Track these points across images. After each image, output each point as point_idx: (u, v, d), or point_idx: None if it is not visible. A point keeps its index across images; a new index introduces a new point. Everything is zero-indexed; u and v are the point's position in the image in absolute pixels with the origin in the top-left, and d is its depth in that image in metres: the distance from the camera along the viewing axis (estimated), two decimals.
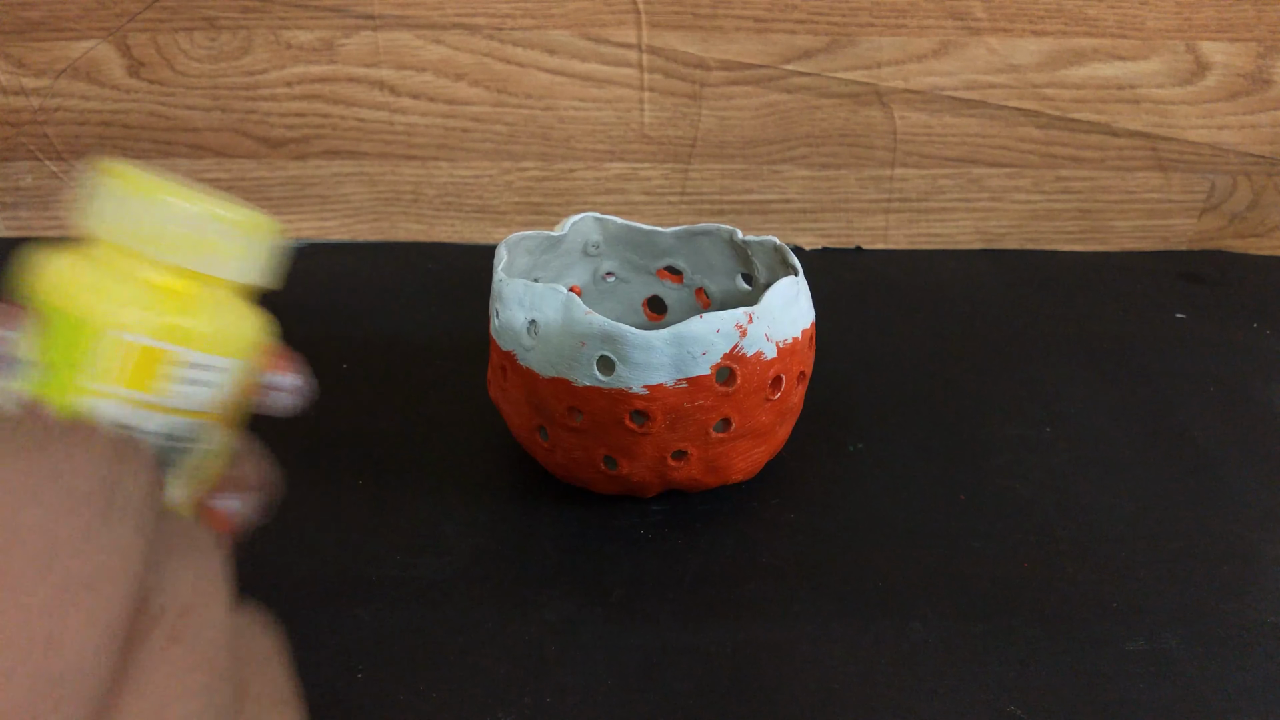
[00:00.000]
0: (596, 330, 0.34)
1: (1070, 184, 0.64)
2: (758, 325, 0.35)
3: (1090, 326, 0.56)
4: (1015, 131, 0.62)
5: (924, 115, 0.62)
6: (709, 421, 0.36)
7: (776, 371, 0.36)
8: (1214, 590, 0.36)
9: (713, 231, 0.43)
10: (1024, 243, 0.67)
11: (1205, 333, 0.56)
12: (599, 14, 0.58)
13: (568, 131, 0.62)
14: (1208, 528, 0.40)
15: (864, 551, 0.38)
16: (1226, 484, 0.42)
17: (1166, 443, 0.45)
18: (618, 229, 0.44)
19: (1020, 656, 0.33)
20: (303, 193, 0.65)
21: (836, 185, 0.64)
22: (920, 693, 0.32)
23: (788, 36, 0.59)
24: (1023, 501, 0.41)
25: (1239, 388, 0.50)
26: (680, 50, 0.60)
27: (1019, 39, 0.59)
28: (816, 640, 0.34)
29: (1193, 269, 0.64)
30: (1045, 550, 0.38)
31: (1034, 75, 0.60)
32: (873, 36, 0.59)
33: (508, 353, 0.37)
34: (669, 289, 0.46)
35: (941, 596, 0.36)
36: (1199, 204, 0.65)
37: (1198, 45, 0.60)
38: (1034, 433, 0.46)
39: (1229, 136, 0.62)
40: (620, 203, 0.65)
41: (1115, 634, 0.34)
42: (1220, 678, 0.33)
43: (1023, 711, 0.31)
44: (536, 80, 0.61)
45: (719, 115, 0.62)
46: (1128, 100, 0.61)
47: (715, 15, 0.59)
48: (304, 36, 0.59)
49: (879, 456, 0.44)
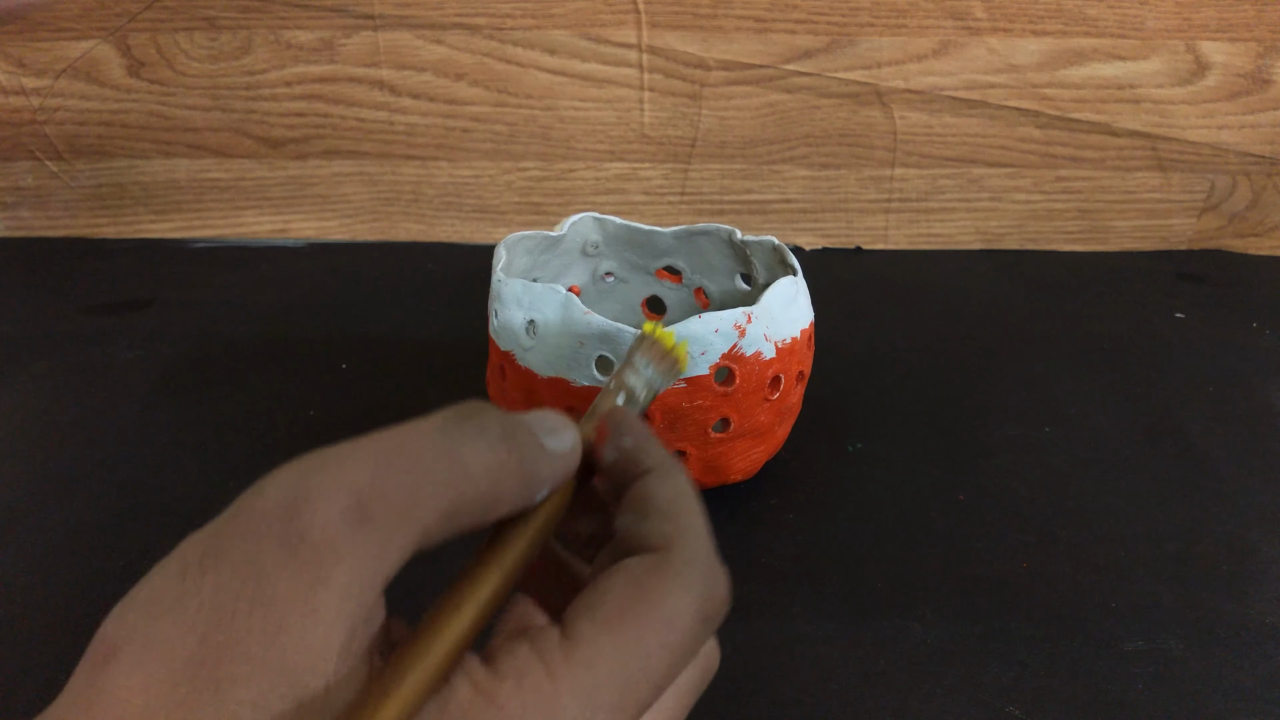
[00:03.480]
0: (595, 330, 0.34)
1: (1070, 184, 0.64)
2: (756, 325, 0.35)
3: (1090, 326, 0.56)
4: (1015, 131, 0.62)
5: (924, 115, 0.62)
6: (708, 421, 0.36)
7: (775, 371, 0.36)
8: (1214, 590, 0.36)
9: (712, 231, 0.43)
10: (1024, 243, 0.67)
11: (1205, 333, 0.56)
12: (599, 14, 0.58)
13: (568, 131, 0.62)
14: (1208, 528, 0.40)
15: (864, 551, 0.38)
16: (1226, 484, 0.42)
17: (1166, 443, 0.45)
18: (617, 229, 0.44)
19: (1020, 656, 0.33)
20: (303, 193, 0.65)
21: (836, 185, 0.64)
22: (920, 693, 0.32)
23: (788, 36, 0.59)
24: (1023, 501, 0.41)
25: (1239, 388, 0.50)
26: (680, 50, 0.60)
27: (1019, 39, 0.59)
28: (816, 640, 0.34)
29: (1192, 269, 0.64)
30: (1045, 550, 0.38)
31: (1034, 75, 0.60)
32: (873, 36, 0.59)
33: (506, 353, 0.37)
34: (668, 289, 0.46)
35: (941, 596, 0.36)
36: (1199, 204, 0.65)
37: (1198, 45, 0.60)
38: (1034, 433, 0.46)
39: (1229, 136, 0.62)
40: (620, 203, 0.65)
41: (1115, 634, 0.34)
42: (1220, 678, 0.33)
43: (1022, 712, 0.31)
44: (536, 80, 0.61)
45: (719, 115, 0.62)
46: (1128, 100, 0.61)
47: (715, 15, 0.59)
48: (304, 36, 0.59)
49: (879, 456, 0.44)
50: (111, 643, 0.16)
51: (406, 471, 0.17)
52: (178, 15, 0.59)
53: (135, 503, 0.40)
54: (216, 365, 0.51)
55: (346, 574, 0.16)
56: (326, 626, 0.16)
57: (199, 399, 0.48)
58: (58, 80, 0.61)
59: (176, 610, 0.16)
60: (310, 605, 0.16)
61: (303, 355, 0.51)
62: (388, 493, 0.17)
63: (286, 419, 0.46)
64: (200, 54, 0.60)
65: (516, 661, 0.16)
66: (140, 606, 0.16)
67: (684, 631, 0.18)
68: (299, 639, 0.16)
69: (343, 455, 0.17)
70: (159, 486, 0.41)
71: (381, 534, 0.16)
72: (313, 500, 0.16)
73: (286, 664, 0.15)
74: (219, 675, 0.15)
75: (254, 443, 0.44)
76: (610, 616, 0.17)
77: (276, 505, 0.16)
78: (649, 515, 0.19)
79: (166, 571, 0.17)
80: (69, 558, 0.37)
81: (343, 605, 0.16)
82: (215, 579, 0.16)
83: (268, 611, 0.16)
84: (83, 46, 0.60)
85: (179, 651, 0.15)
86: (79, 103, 0.62)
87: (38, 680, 0.32)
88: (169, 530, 0.39)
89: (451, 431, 0.18)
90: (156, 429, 0.45)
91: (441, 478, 0.17)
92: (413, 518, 0.17)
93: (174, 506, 0.40)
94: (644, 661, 0.17)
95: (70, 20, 0.59)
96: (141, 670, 0.15)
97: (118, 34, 0.59)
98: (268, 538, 0.16)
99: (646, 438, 0.21)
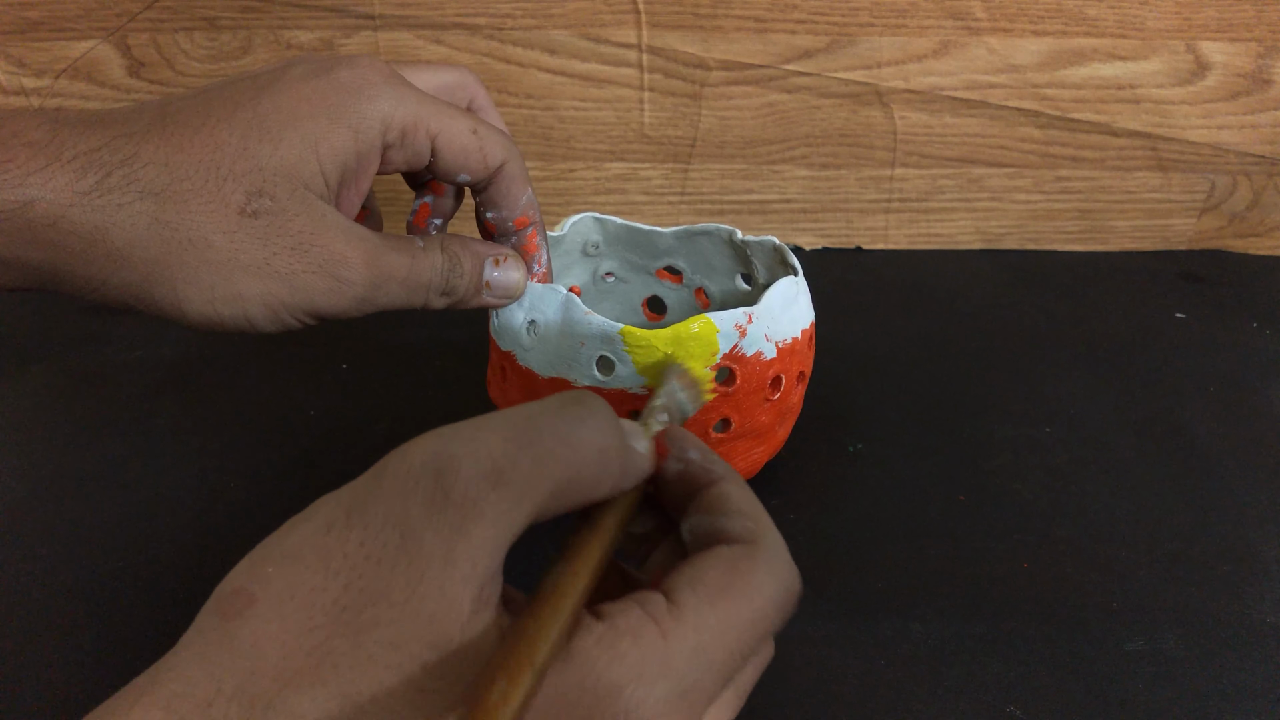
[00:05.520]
0: (596, 330, 0.34)
1: (1070, 184, 0.64)
2: (757, 325, 0.35)
3: (1090, 326, 0.56)
4: (1015, 131, 0.62)
5: (924, 115, 0.62)
6: (708, 421, 0.36)
7: (776, 372, 0.36)
8: (1214, 590, 0.36)
9: (712, 231, 0.43)
10: (1024, 243, 0.67)
11: (1205, 333, 0.56)
12: (599, 14, 0.58)
13: (568, 131, 0.62)
14: (1207, 528, 0.40)
15: (864, 551, 0.38)
16: (1226, 484, 0.42)
17: (1166, 443, 0.45)
18: (617, 229, 0.44)
19: (1020, 656, 0.33)
20: None
21: (836, 185, 0.64)
22: (920, 693, 0.32)
23: (788, 36, 0.59)
24: (1023, 501, 0.41)
25: (1239, 388, 0.50)
26: (680, 50, 0.60)
27: (1019, 39, 0.59)
28: (816, 640, 0.34)
29: (1192, 269, 0.64)
30: (1045, 550, 0.38)
31: (1034, 75, 0.60)
32: (873, 36, 0.59)
33: (507, 353, 0.37)
34: (668, 289, 0.46)
35: (941, 596, 0.36)
36: (1199, 204, 0.65)
37: (1198, 45, 0.60)
38: (1034, 433, 0.46)
39: (1229, 136, 0.62)
40: (620, 203, 0.65)
41: (1115, 634, 0.34)
42: (1220, 678, 0.33)
43: (1022, 711, 0.31)
44: (536, 80, 0.61)
45: (719, 115, 0.62)
46: (1128, 100, 0.61)
47: (715, 15, 0.58)
48: (304, 36, 0.59)
49: (879, 456, 0.44)
50: (247, 593, 0.17)
51: (534, 446, 0.19)
52: (178, 15, 0.59)
53: (135, 503, 0.40)
54: (216, 365, 0.51)
55: (484, 530, 0.18)
56: (463, 577, 0.18)
57: (199, 399, 0.48)
58: (58, 80, 0.61)
59: (320, 561, 0.17)
60: (450, 557, 0.17)
61: (303, 355, 0.51)
62: (518, 461, 0.19)
63: (286, 419, 0.46)
64: (200, 54, 0.60)
65: (631, 620, 0.18)
66: (280, 559, 0.18)
67: (768, 614, 0.20)
68: (439, 588, 0.17)
69: (479, 426, 0.19)
70: (159, 486, 0.41)
71: (514, 497, 0.18)
72: (457, 463, 0.18)
73: (425, 611, 0.17)
74: (360, 620, 0.17)
75: (254, 443, 0.44)
76: (711, 591, 0.19)
77: (423, 466, 0.18)
78: (731, 514, 0.21)
79: (307, 527, 0.18)
80: (69, 558, 0.37)
81: (478, 559, 0.18)
82: (361, 533, 0.18)
83: (411, 561, 0.17)
84: (83, 46, 0.60)
85: (321, 599, 0.17)
86: (79, 103, 0.62)
87: (39, 680, 0.32)
88: (169, 530, 0.39)
89: (569, 416, 0.20)
90: (156, 429, 0.45)
91: (562, 455, 0.19)
92: (538, 488, 0.19)
93: (174, 506, 0.40)
94: (737, 633, 0.19)
95: (70, 20, 0.59)
96: (280, 618, 0.17)
97: (118, 34, 0.59)
98: (414, 495, 0.18)
99: (710, 450, 0.23)
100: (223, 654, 0.16)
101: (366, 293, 0.29)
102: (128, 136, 0.27)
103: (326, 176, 0.28)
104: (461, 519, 0.18)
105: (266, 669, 0.16)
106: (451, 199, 0.35)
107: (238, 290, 0.27)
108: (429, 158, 0.30)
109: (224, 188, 0.27)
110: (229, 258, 0.27)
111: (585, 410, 0.20)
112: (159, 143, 0.27)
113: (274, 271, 0.28)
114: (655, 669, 0.18)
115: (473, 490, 0.18)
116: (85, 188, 0.26)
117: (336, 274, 0.28)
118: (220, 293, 0.27)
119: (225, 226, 0.27)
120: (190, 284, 0.27)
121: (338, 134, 0.28)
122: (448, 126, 0.30)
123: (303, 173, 0.28)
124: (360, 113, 0.28)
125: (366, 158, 0.29)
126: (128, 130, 0.27)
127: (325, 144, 0.28)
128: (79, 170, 0.26)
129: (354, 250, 0.29)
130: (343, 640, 0.17)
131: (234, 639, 0.17)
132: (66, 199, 0.25)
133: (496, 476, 0.18)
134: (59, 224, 0.25)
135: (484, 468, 0.18)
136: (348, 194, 0.30)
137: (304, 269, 0.28)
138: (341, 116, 0.28)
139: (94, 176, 0.26)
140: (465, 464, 0.18)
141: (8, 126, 0.26)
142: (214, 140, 0.27)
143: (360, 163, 0.29)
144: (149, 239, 0.26)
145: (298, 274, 0.28)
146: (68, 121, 0.26)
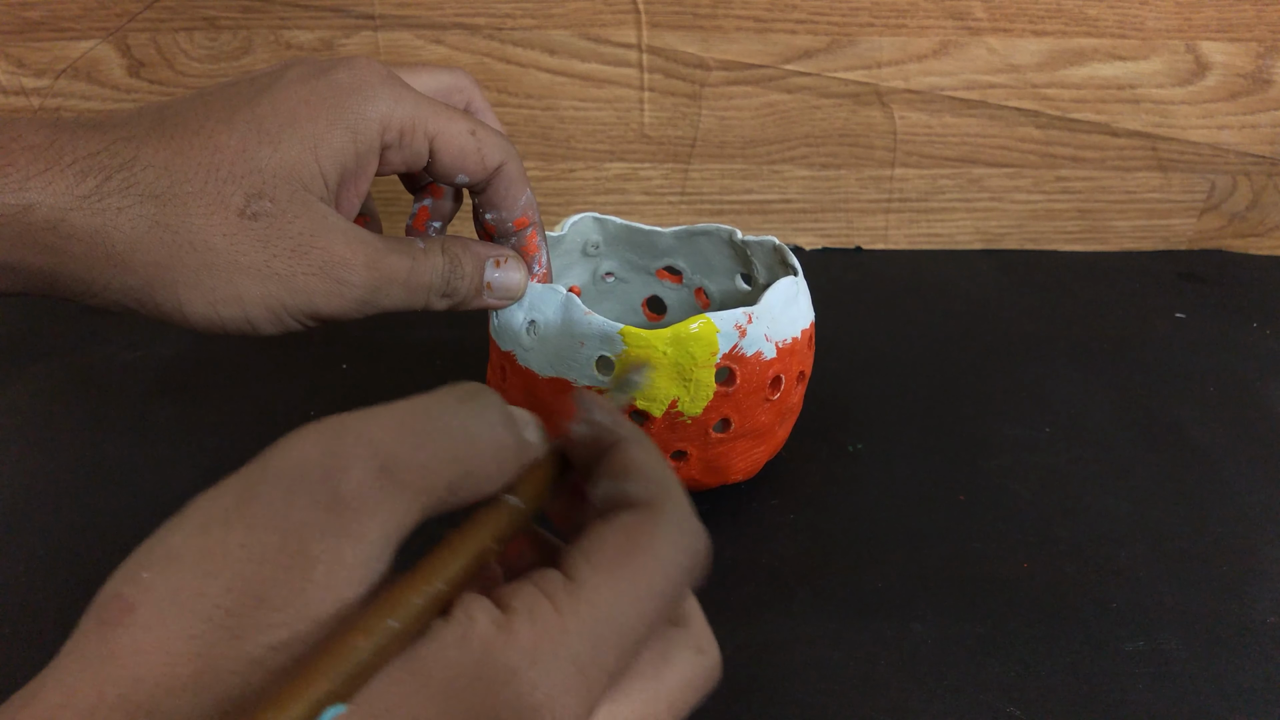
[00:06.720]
0: (596, 330, 0.34)
1: (1070, 184, 0.64)
2: (757, 325, 0.35)
3: (1090, 326, 0.56)
4: (1015, 131, 0.62)
5: (924, 115, 0.62)
6: (708, 422, 0.36)
7: (776, 371, 0.36)
8: (1214, 590, 0.36)
9: (712, 231, 0.43)
10: (1024, 243, 0.67)
11: (1205, 332, 0.56)
12: (599, 14, 0.58)
13: (568, 131, 0.62)
14: (1208, 528, 0.40)
15: (864, 551, 0.38)
16: (1226, 484, 0.42)
17: (1166, 443, 0.45)
18: (617, 229, 0.44)
19: (1020, 656, 0.33)
20: None
21: (836, 185, 0.64)
22: (920, 693, 0.32)
23: (788, 36, 0.59)
24: (1023, 501, 0.41)
25: (1239, 388, 0.50)
26: (680, 50, 0.60)
27: (1019, 39, 0.59)
28: (816, 640, 0.34)
29: (1192, 269, 0.64)
30: (1045, 550, 0.38)
31: (1034, 75, 0.60)
32: (873, 36, 0.59)
33: (507, 353, 0.37)
34: (668, 289, 0.46)
35: (941, 596, 0.36)
36: (1199, 204, 0.65)
37: (1198, 45, 0.60)
38: (1034, 433, 0.46)
39: (1229, 136, 0.62)
40: (620, 203, 0.65)
41: (1115, 634, 0.34)
42: (1220, 678, 0.33)
43: (1022, 712, 0.31)
44: (536, 80, 0.61)
45: (719, 115, 0.62)
46: (1128, 100, 0.61)
47: (715, 15, 0.58)
48: (304, 36, 0.59)
49: (879, 456, 0.44)
50: (126, 600, 0.17)
51: (426, 441, 0.19)
52: (178, 15, 0.59)
53: (135, 503, 0.40)
54: (216, 365, 0.51)
55: (374, 532, 0.17)
56: (352, 579, 0.17)
57: (199, 399, 0.48)
58: (58, 80, 0.61)
59: (200, 565, 0.17)
60: (338, 559, 0.17)
61: (303, 355, 0.51)
62: (410, 460, 0.18)
63: (286, 419, 0.46)
64: (200, 54, 0.60)
65: (526, 599, 0.18)
66: (158, 564, 0.17)
67: (672, 579, 0.19)
68: (326, 590, 0.17)
69: (368, 420, 0.19)
70: (159, 486, 0.41)
71: (406, 497, 0.18)
72: (347, 461, 0.18)
73: (312, 613, 0.17)
74: (244, 624, 0.16)
75: (254, 443, 0.44)
76: (607, 561, 0.19)
77: (311, 464, 0.18)
78: (630, 477, 0.21)
79: (184, 529, 0.18)
80: (69, 558, 0.37)
81: (368, 561, 0.17)
82: (244, 534, 0.17)
83: (297, 563, 0.17)
84: (83, 46, 0.60)
85: (202, 603, 0.16)
86: (79, 103, 0.62)
87: None
88: None
89: (463, 410, 0.20)
90: (156, 429, 0.45)
91: (456, 451, 0.19)
92: (430, 487, 0.18)
93: (174, 506, 0.40)
94: (637, 603, 0.18)
95: (70, 20, 0.59)
96: (160, 624, 0.16)
97: (118, 34, 0.59)
98: (301, 494, 0.17)
99: (614, 412, 0.22)
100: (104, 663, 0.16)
101: (367, 295, 0.30)
102: (127, 140, 0.27)
103: (326, 178, 0.28)
104: (350, 520, 0.17)
105: (149, 676, 0.16)
106: (450, 201, 0.35)
107: (238, 292, 0.28)
108: (427, 159, 0.30)
109: (224, 190, 0.27)
110: (229, 260, 0.27)
111: (479, 405, 0.20)
112: (158, 146, 0.27)
113: (274, 273, 0.28)
114: (550, 648, 0.17)
115: (362, 490, 0.17)
116: (85, 191, 0.26)
117: (337, 276, 0.28)
118: (221, 295, 0.27)
119: (226, 229, 0.27)
120: (191, 287, 0.27)
121: (336, 135, 0.28)
122: (446, 127, 0.30)
123: (302, 174, 0.28)
124: (358, 113, 0.28)
125: (365, 158, 0.29)
126: (127, 134, 0.27)
127: (324, 145, 0.28)
128: (79, 174, 0.26)
129: (354, 252, 0.29)
130: (226, 645, 0.16)
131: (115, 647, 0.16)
132: (66, 203, 0.26)
133: (387, 476, 0.18)
134: (59, 228, 0.26)
135: (373, 466, 0.18)
136: (347, 195, 0.30)
137: (304, 271, 0.28)
138: (340, 118, 0.28)
139: (94, 180, 0.26)
140: (354, 463, 0.18)
141: (7, 131, 0.26)
142: (213, 143, 0.27)
143: (359, 163, 0.29)
144: (150, 242, 0.26)
145: (298, 276, 0.28)
146: (67, 125, 0.27)
